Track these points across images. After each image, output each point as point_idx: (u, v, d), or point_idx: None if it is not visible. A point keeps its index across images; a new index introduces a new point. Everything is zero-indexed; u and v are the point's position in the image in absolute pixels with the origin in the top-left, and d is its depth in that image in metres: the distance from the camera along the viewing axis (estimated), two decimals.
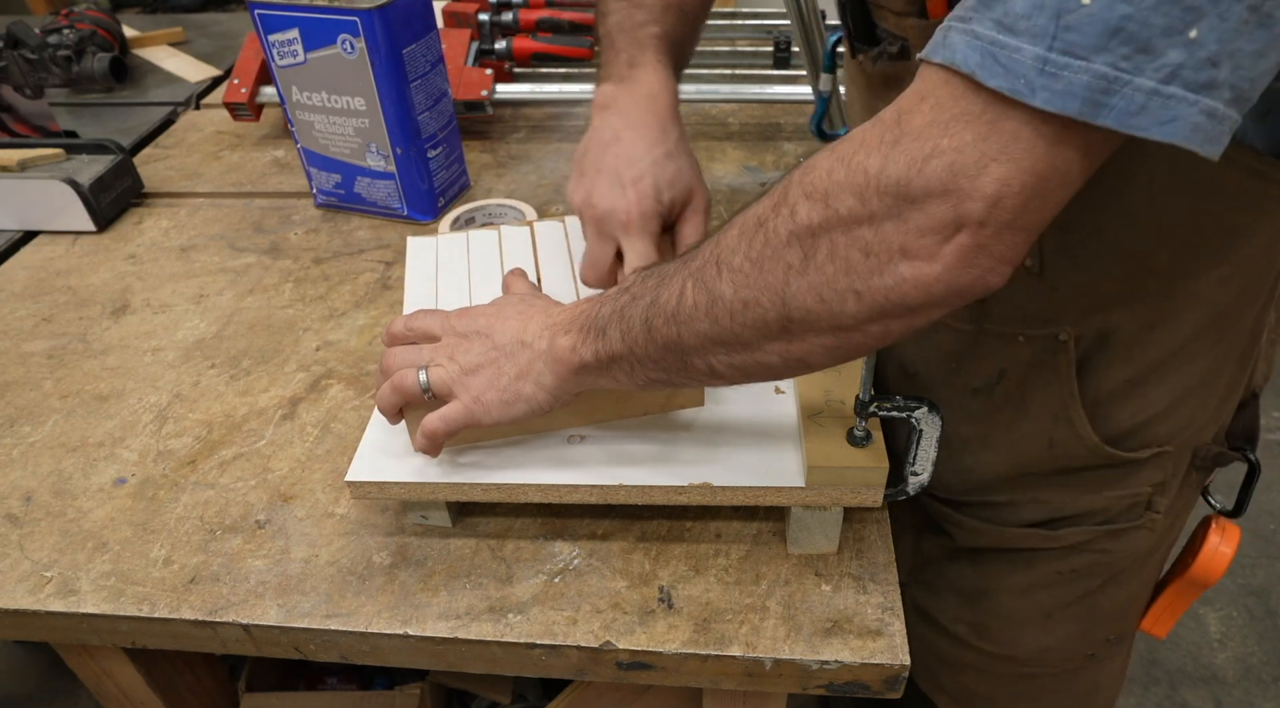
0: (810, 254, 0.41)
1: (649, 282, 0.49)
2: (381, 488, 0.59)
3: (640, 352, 0.49)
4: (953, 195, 0.37)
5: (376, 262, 0.94)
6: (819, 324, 0.43)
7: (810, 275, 0.42)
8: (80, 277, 0.94)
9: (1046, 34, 0.34)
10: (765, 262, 0.43)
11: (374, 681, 1.12)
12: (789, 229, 0.42)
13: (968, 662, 0.80)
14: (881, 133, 0.39)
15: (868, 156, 0.39)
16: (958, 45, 0.37)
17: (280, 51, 0.91)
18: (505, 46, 1.20)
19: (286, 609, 0.58)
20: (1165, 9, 0.32)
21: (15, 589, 0.61)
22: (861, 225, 0.40)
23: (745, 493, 0.57)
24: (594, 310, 0.52)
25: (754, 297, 0.43)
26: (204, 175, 1.13)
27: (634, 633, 0.56)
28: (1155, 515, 0.69)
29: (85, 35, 1.37)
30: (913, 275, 0.40)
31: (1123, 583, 0.74)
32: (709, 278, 0.45)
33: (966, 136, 0.37)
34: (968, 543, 0.75)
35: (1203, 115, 0.34)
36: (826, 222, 0.40)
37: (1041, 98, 0.35)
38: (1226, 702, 1.50)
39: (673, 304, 0.46)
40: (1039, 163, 0.36)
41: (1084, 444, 0.65)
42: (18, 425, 0.75)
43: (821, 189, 0.40)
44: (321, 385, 0.77)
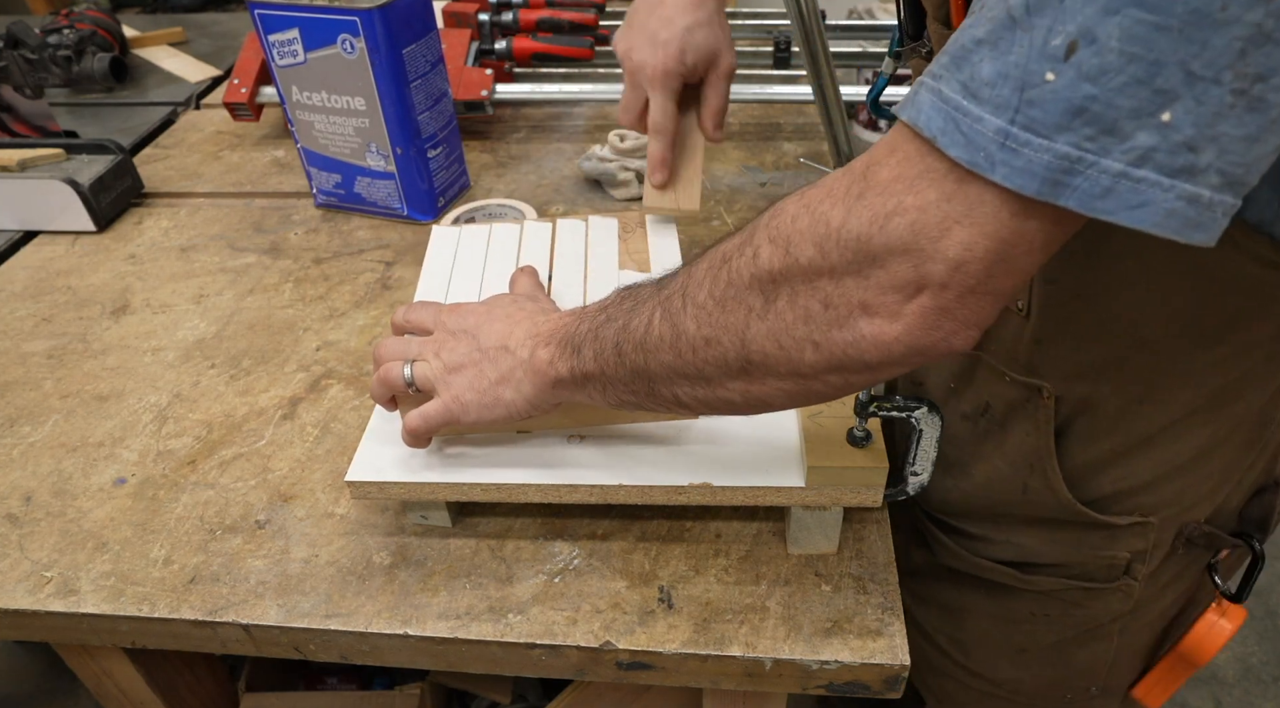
0: (770, 299, 0.41)
1: (625, 304, 0.49)
2: (381, 488, 0.59)
3: (610, 374, 0.49)
4: (914, 255, 0.36)
5: (376, 262, 0.94)
6: (777, 369, 0.42)
7: (770, 321, 0.41)
8: (80, 277, 0.94)
9: (1009, 107, 0.33)
10: (727, 301, 0.42)
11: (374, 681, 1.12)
12: (751, 272, 0.41)
13: (948, 671, 0.81)
14: (848, 183, 0.38)
15: (832, 207, 0.38)
16: (924, 105, 0.36)
17: (280, 51, 0.91)
18: (505, 46, 1.20)
19: (286, 609, 0.58)
20: (1132, 91, 0.31)
21: (15, 589, 0.61)
22: (822, 277, 0.39)
23: (745, 493, 0.57)
24: (574, 326, 0.52)
25: (715, 335, 0.43)
26: (204, 175, 1.13)
27: (634, 633, 0.56)
28: (1133, 582, 0.67)
29: (85, 35, 1.37)
30: (872, 333, 0.39)
31: (1101, 639, 0.72)
32: (675, 310, 0.45)
33: (930, 195, 0.35)
34: (948, 562, 0.75)
35: (1181, 201, 0.32)
36: (787, 269, 0.40)
37: (1001, 173, 0.33)
38: (1226, 702, 1.50)
39: (640, 331, 0.46)
40: (1003, 230, 0.35)
41: (1058, 500, 0.64)
42: (18, 425, 0.75)
43: (784, 235, 0.40)
44: (321, 385, 0.77)
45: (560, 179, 1.08)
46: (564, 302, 0.67)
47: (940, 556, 0.75)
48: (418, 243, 0.97)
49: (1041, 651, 0.74)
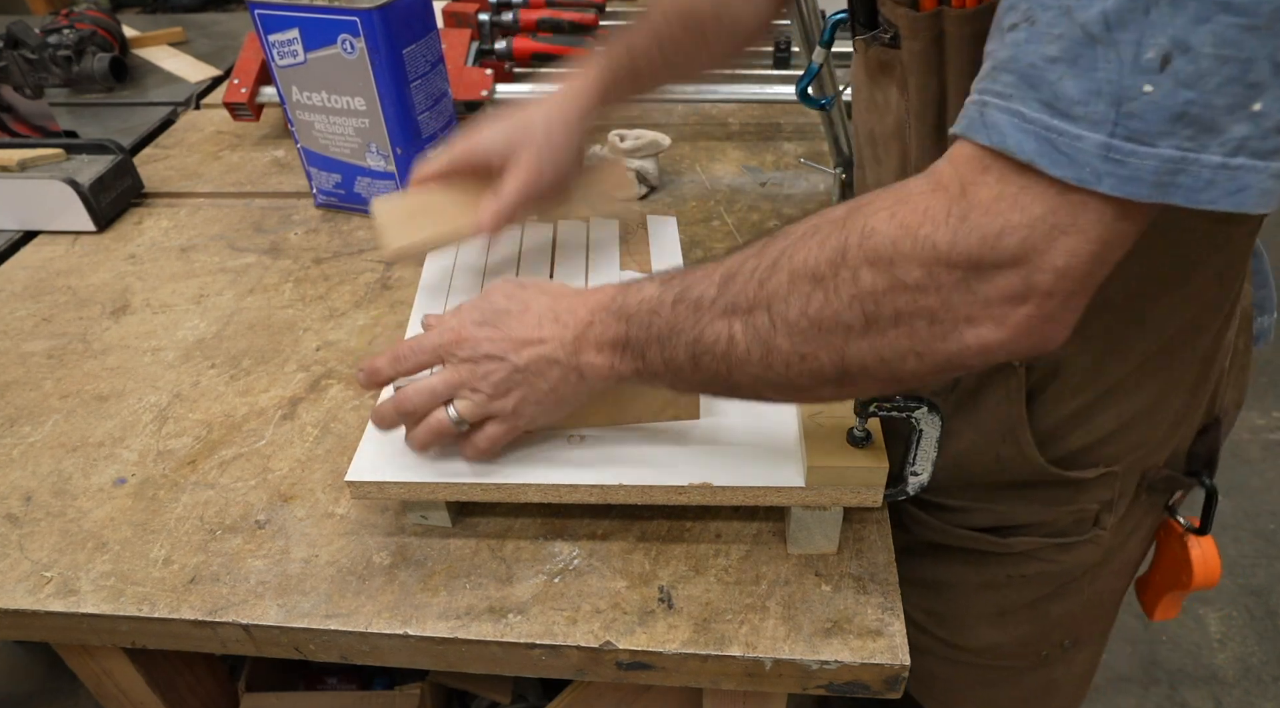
0: (873, 319, 0.41)
1: (680, 310, 0.48)
2: (381, 488, 0.59)
3: (686, 377, 0.49)
4: (1023, 268, 0.38)
5: (376, 262, 0.94)
6: (876, 376, 0.44)
7: (871, 338, 0.42)
8: (80, 277, 0.94)
9: (1107, 121, 0.34)
10: (824, 321, 0.43)
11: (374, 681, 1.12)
12: (851, 293, 0.41)
13: (927, 647, 0.82)
14: (948, 206, 0.39)
15: (935, 231, 0.39)
16: (1005, 128, 0.37)
17: (280, 51, 0.91)
18: (505, 46, 1.20)
19: (286, 609, 0.58)
20: (1229, 89, 0.33)
21: (15, 589, 0.61)
22: (928, 295, 0.40)
23: (745, 493, 0.57)
24: (623, 331, 0.51)
25: (811, 352, 0.44)
26: (204, 175, 1.13)
27: (634, 633, 0.56)
28: (1101, 532, 0.70)
29: (85, 35, 1.37)
30: (977, 342, 0.40)
31: (1074, 592, 0.75)
32: (762, 329, 0.45)
33: (1036, 210, 0.37)
34: (925, 538, 0.76)
35: (1273, 179, 0.34)
36: (891, 290, 0.40)
37: (1108, 184, 0.35)
38: (1226, 702, 1.50)
39: (722, 346, 0.46)
40: (1105, 232, 0.37)
41: (1030, 465, 0.66)
42: (18, 425, 0.75)
43: (886, 257, 0.40)
44: (321, 385, 0.77)
45: None
46: None
47: (918, 532, 0.76)
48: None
49: (1019, 610, 0.76)
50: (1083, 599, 0.76)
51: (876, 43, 0.60)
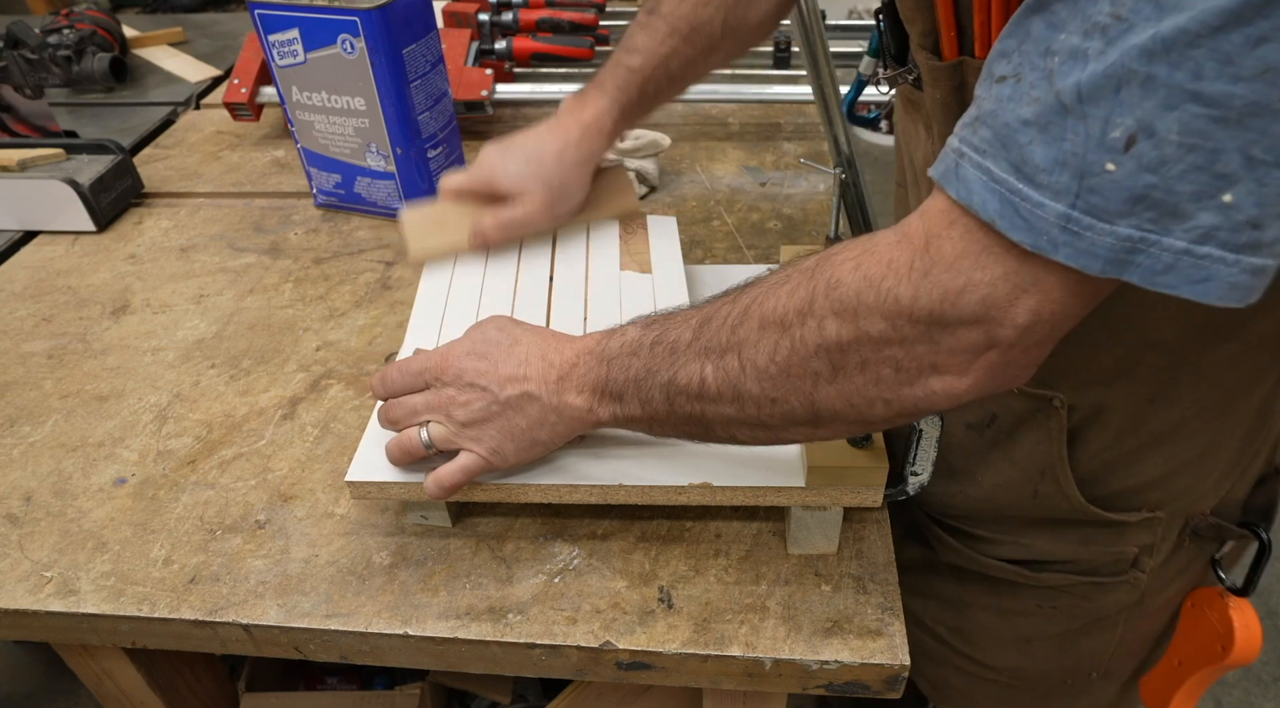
0: (839, 366, 0.42)
1: (657, 351, 0.49)
2: (381, 488, 0.59)
3: (662, 418, 0.51)
4: (985, 324, 0.38)
5: (376, 262, 0.94)
6: (846, 419, 0.45)
7: (839, 384, 0.43)
8: (80, 277, 0.94)
9: (1069, 192, 0.34)
10: (792, 368, 0.43)
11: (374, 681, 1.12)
12: (817, 342, 0.42)
13: (948, 659, 0.81)
14: (910, 259, 0.39)
15: (898, 284, 0.39)
16: (973, 184, 0.37)
17: (280, 51, 0.91)
18: (505, 46, 1.20)
19: (286, 609, 0.58)
20: (1192, 177, 0.31)
21: (15, 589, 0.61)
22: (891, 346, 0.40)
23: (745, 493, 0.57)
24: (601, 371, 0.52)
25: (781, 397, 0.45)
26: (204, 175, 1.13)
27: (634, 633, 0.56)
28: (1140, 574, 0.68)
29: (85, 35, 1.37)
30: (943, 389, 0.41)
31: (1106, 629, 0.73)
32: (732, 372, 0.46)
33: (997, 270, 0.37)
34: (949, 560, 0.75)
35: (1245, 274, 0.33)
36: (856, 340, 0.41)
37: (1064, 254, 0.35)
38: (1226, 702, 1.50)
39: (695, 387, 0.47)
40: (1069, 294, 0.37)
41: (1069, 503, 0.64)
42: (18, 425, 0.75)
43: (851, 309, 0.41)
44: (321, 385, 0.77)
45: None
46: (565, 303, 0.67)
47: (942, 554, 0.75)
48: None
49: (1046, 640, 0.75)
50: (1115, 637, 0.74)
51: (903, 81, 0.59)
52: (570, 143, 0.70)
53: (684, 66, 0.72)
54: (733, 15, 0.71)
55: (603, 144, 0.71)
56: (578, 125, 0.70)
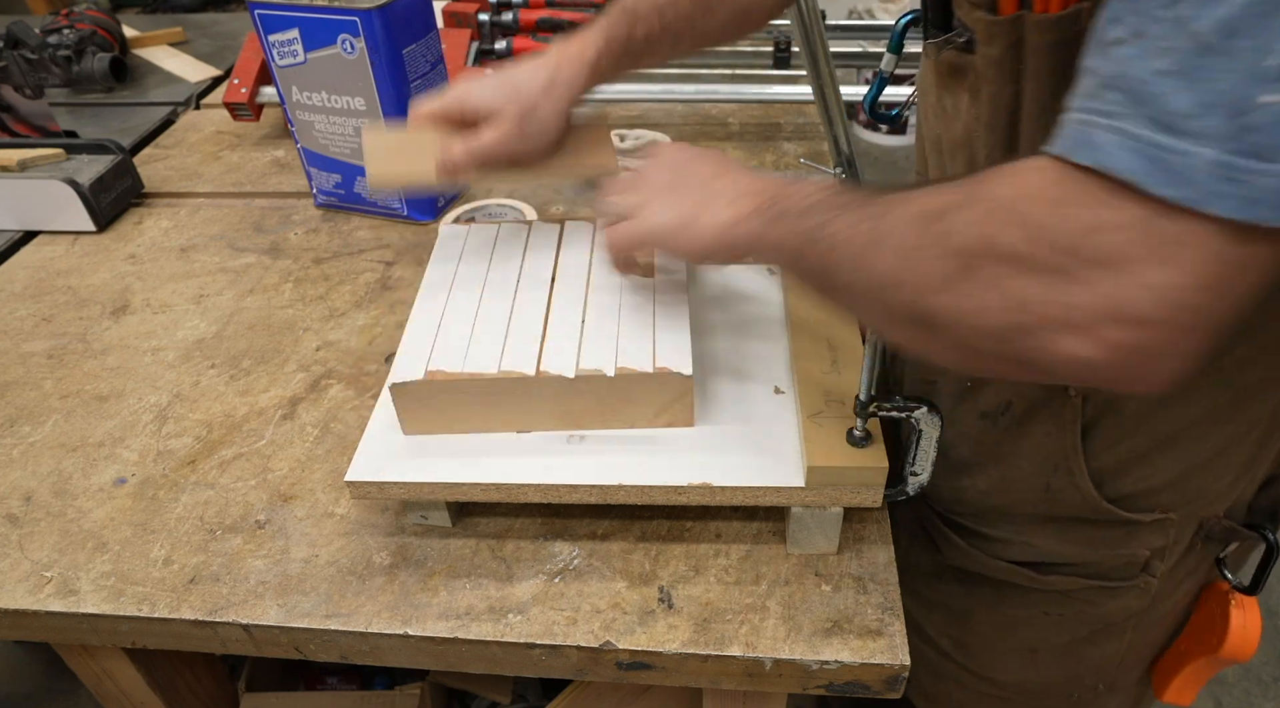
0: (961, 274, 0.40)
1: (830, 203, 0.48)
2: (381, 488, 0.59)
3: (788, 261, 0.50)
4: (1116, 273, 0.35)
5: (376, 262, 0.94)
6: (953, 336, 0.42)
7: (957, 294, 0.40)
8: (80, 277, 0.94)
9: (1222, 136, 0.32)
10: (920, 259, 0.41)
11: (374, 681, 1.12)
12: (948, 241, 0.40)
13: (950, 673, 0.80)
14: (1046, 187, 0.37)
15: (1035, 207, 0.38)
16: (1109, 146, 0.35)
17: (280, 51, 0.91)
18: (505, 46, 1.20)
19: (286, 609, 0.58)
20: None
21: (15, 589, 0.61)
22: (1025, 272, 0.38)
23: (745, 493, 0.57)
24: (775, 191, 0.52)
25: (898, 282, 0.42)
26: (204, 175, 1.13)
27: (634, 633, 0.56)
28: (1150, 579, 0.67)
29: (85, 35, 1.37)
30: (1063, 350, 0.38)
31: (1113, 637, 0.72)
32: (867, 242, 0.44)
33: (1135, 213, 0.34)
34: (956, 563, 0.74)
35: None
36: (991, 247, 0.39)
37: (1225, 205, 0.32)
38: (1226, 702, 1.50)
39: (825, 245, 0.46)
40: (1216, 261, 0.34)
41: (1081, 495, 0.64)
42: (18, 425, 0.75)
43: (996, 215, 0.39)
44: (321, 385, 0.77)
45: None
46: (564, 304, 0.67)
47: (948, 556, 0.75)
48: (418, 243, 0.97)
49: (1051, 650, 0.74)
50: (1122, 646, 0.73)
51: (950, 46, 0.57)
52: (547, 67, 0.67)
53: (679, 20, 0.70)
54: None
55: (584, 72, 0.68)
56: (558, 54, 0.68)
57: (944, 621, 0.78)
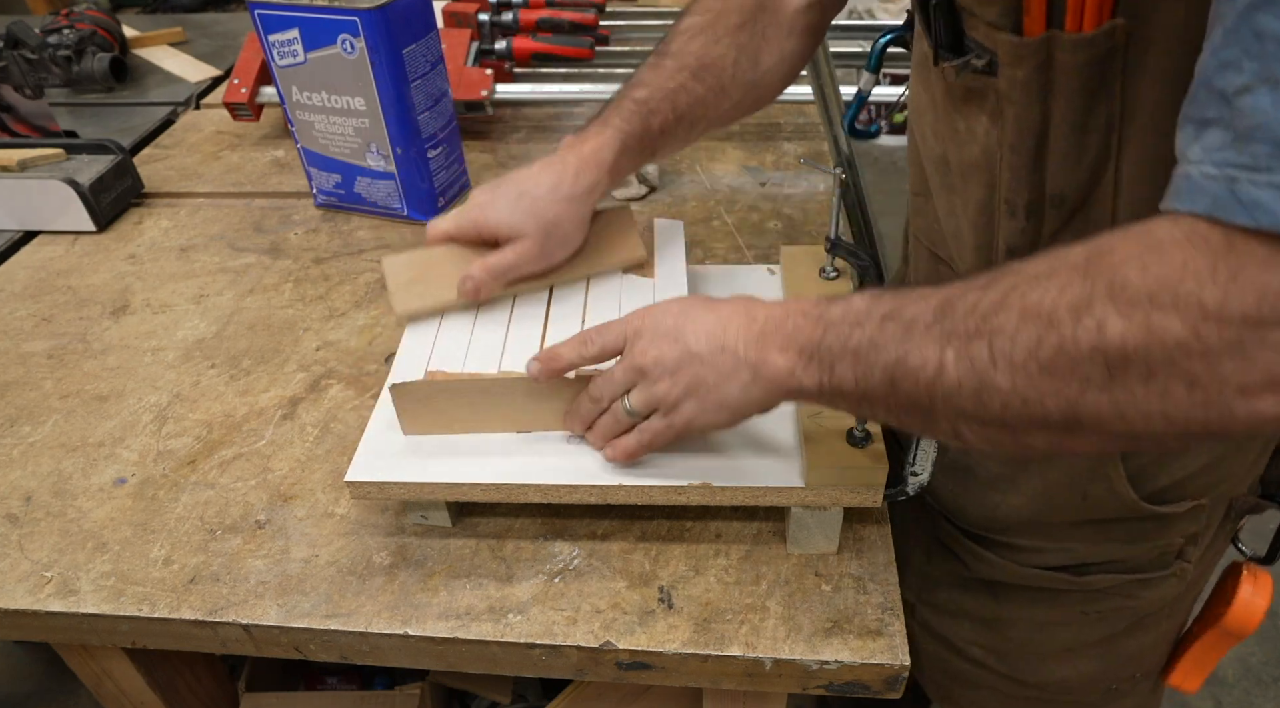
0: (1117, 373, 0.38)
1: (889, 328, 0.45)
2: (381, 488, 0.59)
3: (876, 397, 0.46)
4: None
5: (376, 262, 0.94)
6: (1109, 431, 0.40)
7: (1113, 393, 0.38)
8: (80, 277, 0.94)
9: None
10: (1057, 368, 0.39)
11: (374, 681, 1.12)
12: (1093, 343, 0.38)
13: (983, 681, 0.79)
14: (1213, 263, 0.35)
15: (1200, 287, 0.35)
16: (1273, 205, 0.33)
17: (280, 51, 0.91)
18: (505, 46, 1.20)
19: (286, 609, 0.58)
20: None
21: (15, 589, 0.61)
22: (1191, 358, 0.36)
23: (745, 493, 0.57)
24: (815, 335, 0.48)
25: (1038, 398, 0.40)
26: (204, 175, 1.13)
27: (634, 633, 0.56)
28: (1186, 565, 0.68)
29: (85, 35, 1.37)
30: (1251, 416, 0.36)
31: (1149, 628, 0.72)
32: (979, 362, 0.41)
33: None
34: (984, 575, 0.73)
35: None
36: (1145, 345, 0.37)
37: None
38: (1226, 702, 1.50)
39: (929, 374, 0.43)
40: None
41: (1120, 501, 0.63)
42: (18, 425, 0.75)
43: (1142, 310, 0.36)
44: (321, 385, 0.77)
45: None
46: (565, 304, 0.67)
47: (975, 569, 0.74)
48: (417, 243, 0.96)
49: (1089, 647, 0.73)
50: (1159, 633, 0.73)
51: (967, 70, 0.55)
52: (565, 176, 0.63)
53: (693, 105, 0.67)
54: (744, 56, 0.67)
55: (602, 178, 0.64)
56: (575, 158, 0.64)
57: (973, 630, 0.77)
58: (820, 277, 0.74)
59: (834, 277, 0.74)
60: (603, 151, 0.64)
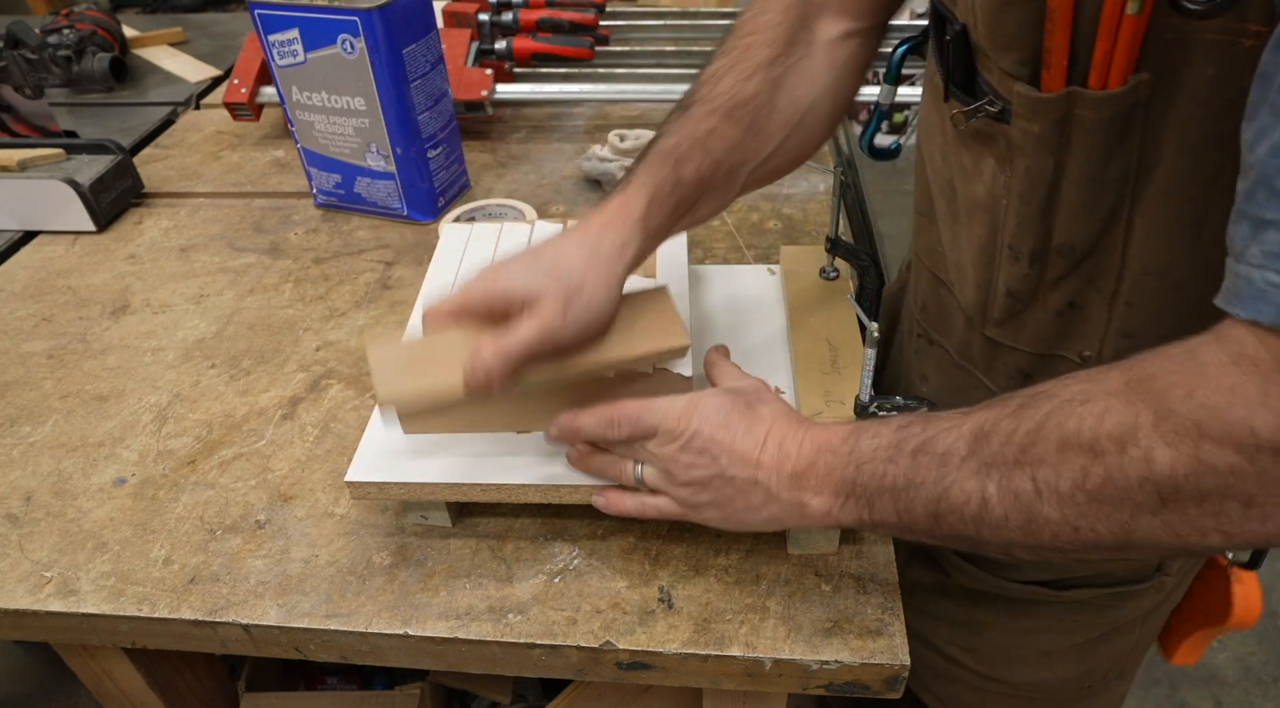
0: (1169, 500, 0.37)
1: (923, 462, 0.44)
2: (381, 488, 0.59)
3: (920, 530, 0.46)
4: None
5: (376, 262, 0.94)
6: (1166, 548, 0.39)
7: (1166, 516, 0.38)
8: (80, 277, 0.94)
9: None
10: (1107, 498, 0.39)
11: (374, 681, 1.12)
12: (1142, 474, 0.37)
13: (959, 677, 0.80)
14: (1264, 386, 0.34)
15: (1251, 413, 0.34)
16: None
17: (280, 51, 0.91)
18: (505, 46, 1.20)
19: (286, 609, 0.58)
20: None
21: (15, 589, 0.61)
22: (1246, 480, 0.35)
23: None
24: (848, 473, 0.48)
25: (1089, 525, 0.40)
26: (204, 175, 1.13)
27: (634, 633, 0.56)
28: (1165, 578, 0.67)
29: (85, 35, 1.37)
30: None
31: (1126, 634, 0.73)
32: (1024, 495, 0.41)
33: None
34: (964, 584, 0.73)
35: None
36: (1196, 473, 0.36)
37: None
38: (1226, 702, 1.50)
39: (973, 509, 0.42)
40: None
41: None
42: (18, 425, 0.75)
43: (1191, 440, 0.36)
44: (321, 385, 0.77)
45: (560, 179, 1.08)
46: None
47: (957, 578, 0.74)
48: (418, 243, 0.97)
49: (1066, 652, 0.74)
50: (1136, 638, 0.73)
51: (980, 115, 0.52)
52: (589, 235, 0.54)
53: (728, 149, 0.58)
54: (780, 92, 0.60)
55: (633, 234, 0.55)
56: (599, 217, 0.55)
57: (951, 631, 0.77)
58: (820, 276, 0.74)
59: (834, 277, 0.74)
60: (630, 205, 0.55)
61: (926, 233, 0.67)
